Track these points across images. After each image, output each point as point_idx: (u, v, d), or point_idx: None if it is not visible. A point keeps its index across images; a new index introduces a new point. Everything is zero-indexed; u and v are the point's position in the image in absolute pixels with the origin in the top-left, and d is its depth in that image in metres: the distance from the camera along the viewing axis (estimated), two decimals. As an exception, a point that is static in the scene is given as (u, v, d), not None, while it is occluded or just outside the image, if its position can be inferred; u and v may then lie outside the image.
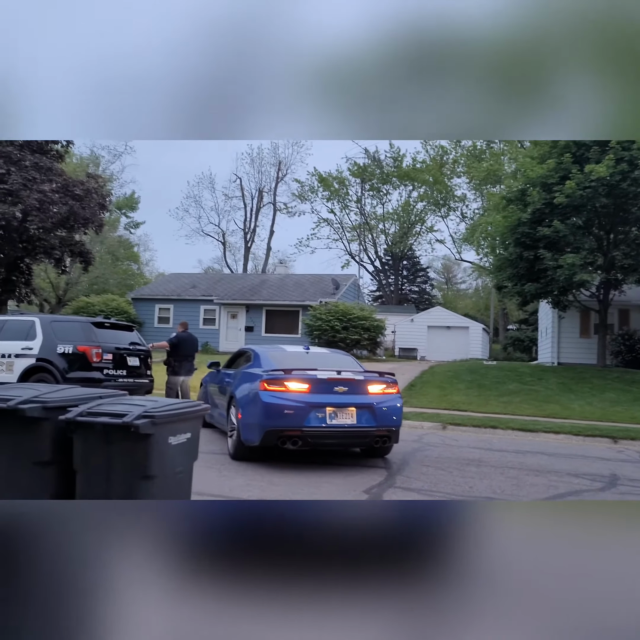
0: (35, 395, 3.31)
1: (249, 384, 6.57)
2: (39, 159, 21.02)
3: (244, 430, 6.39)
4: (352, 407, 6.22)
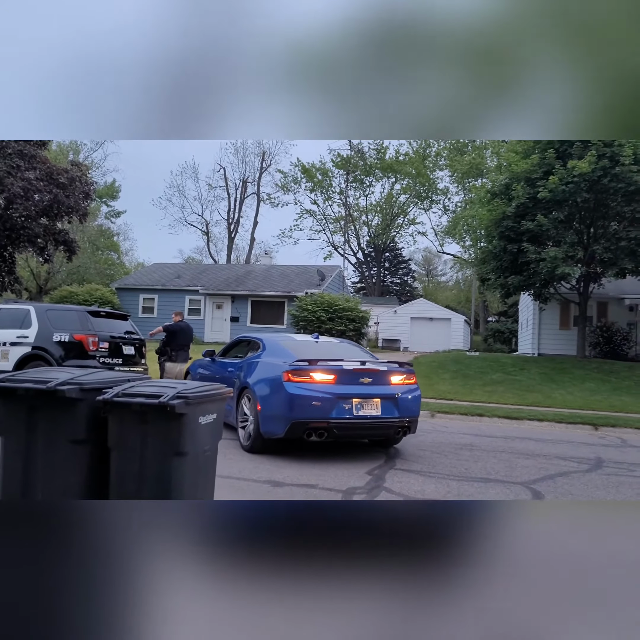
0: (71, 377, 3.47)
1: (269, 374, 6.43)
2: (23, 146, 20.76)
3: (265, 422, 6.27)
4: (377, 398, 6.19)
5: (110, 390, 3.40)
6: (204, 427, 3.53)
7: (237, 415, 6.98)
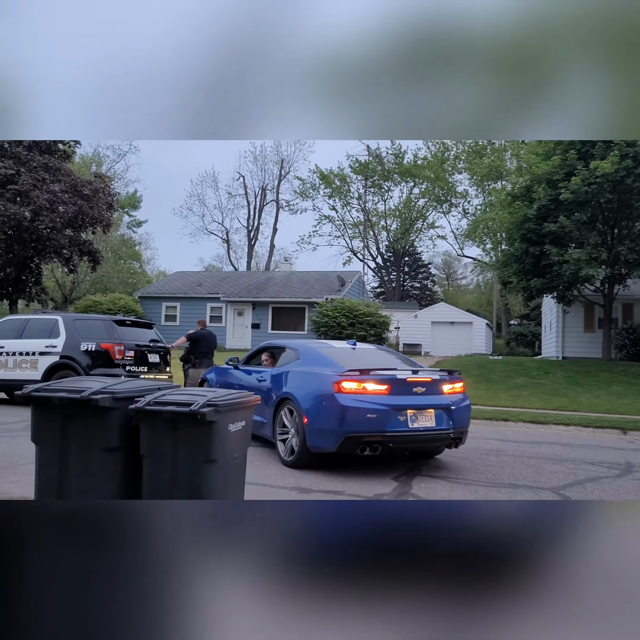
0: (104, 386, 3.55)
1: (316, 384, 6.03)
2: (48, 159, 21.24)
3: (313, 436, 5.87)
4: (431, 409, 5.88)
5: (142, 399, 3.47)
6: (233, 435, 3.58)
7: (274, 427, 6.53)
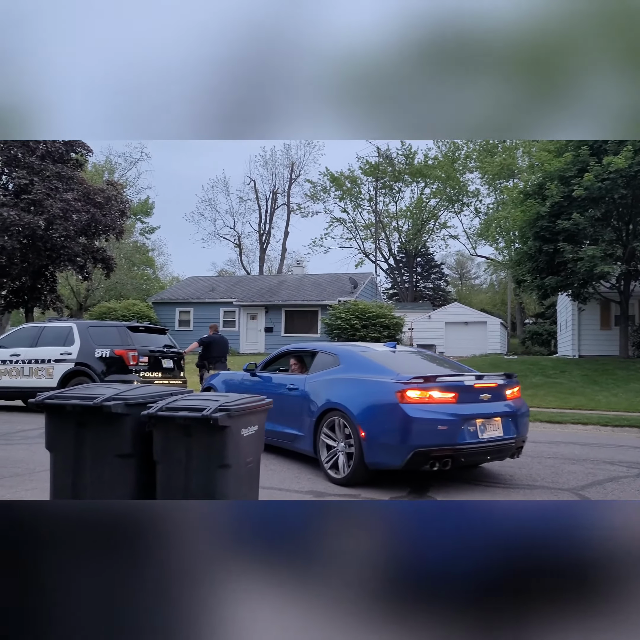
0: (116, 393, 3.56)
1: (374, 394, 5.42)
2: (61, 168, 21.46)
3: (372, 452, 5.27)
4: (498, 417, 5.46)
5: (155, 405, 3.47)
6: (246, 439, 3.57)
7: (315, 442, 5.88)
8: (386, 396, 5.26)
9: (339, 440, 5.63)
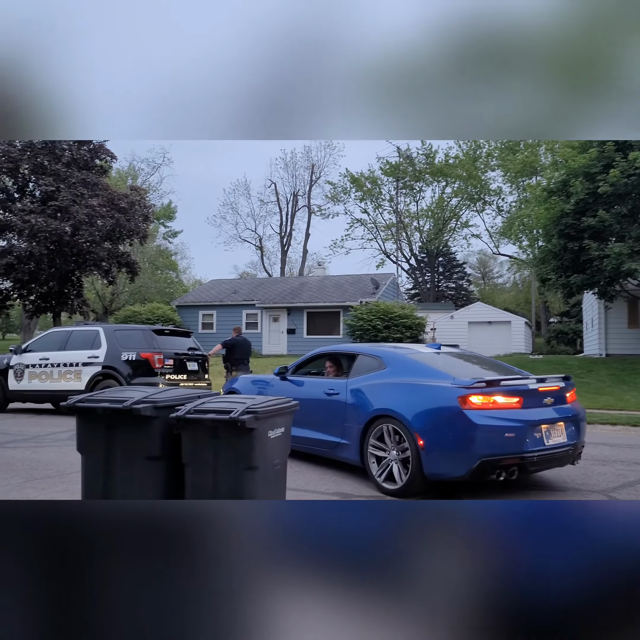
0: (145, 396, 3.62)
1: (433, 399, 5.12)
2: (86, 175, 21.87)
3: (432, 461, 4.95)
4: (561, 422, 5.21)
5: (183, 407, 3.52)
6: (273, 441, 3.60)
7: (362, 450, 5.54)
8: (447, 402, 4.95)
9: (389, 449, 5.27)
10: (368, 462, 5.48)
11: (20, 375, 10.80)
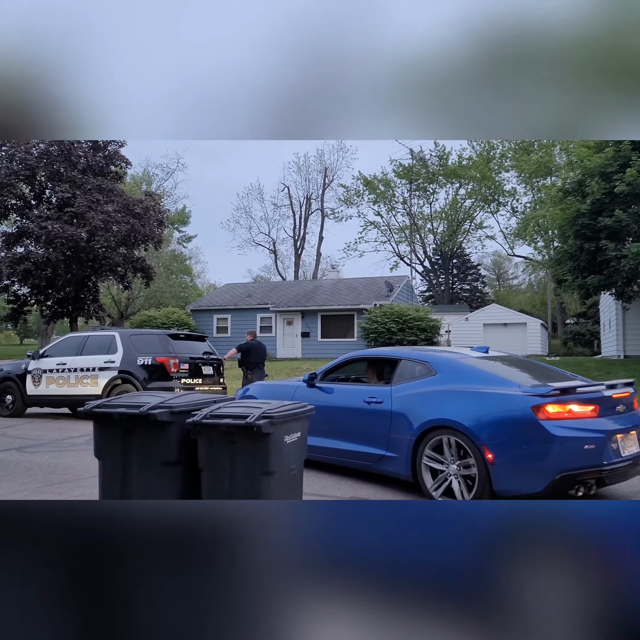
0: (161, 401, 3.63)
1: (502, 408, 4.72)
2: (101, 181, 22.11)
3: (503, 477, 4.56)
4: (634, 431, 4.86)
5: (199, 413, 3.52)
6: (289, 446, 3.58)
7: (415, 463, 5.08)
8: (520, 412, 4.56)
9: (448, 463, 4.84)
10: (422, 474, 5.02)
11: (38, 380, 10.92)
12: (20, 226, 22.62)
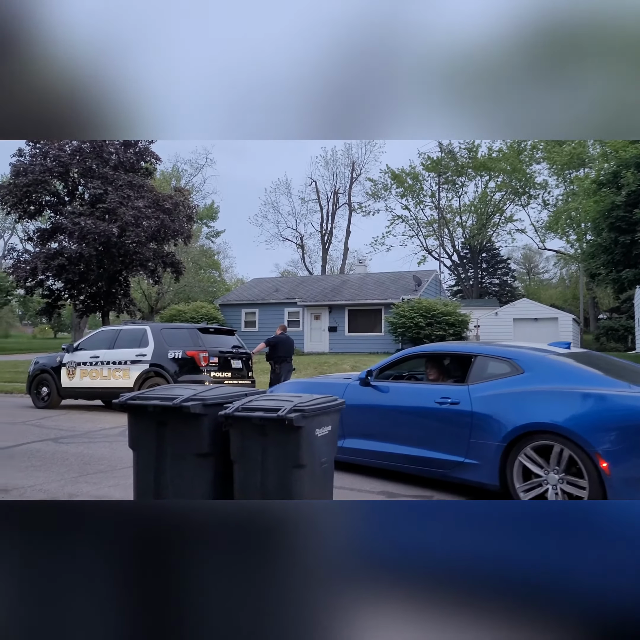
0: (194, 393, 3.68)
1: (616, 412, 4.23)
2: (132, 177, 22.43)
3: (621, 490, 4.14)
4: None
5: (231, 405, 3.55)
6: (320, 439, 3.60)
7: (505, 473, 4.57)
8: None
9: (549, 470, 4.34)
10: (514, 477, 4.52)
11: (72, 373, 11.18)
12: (54, 222, 23.13)
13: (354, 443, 5.62)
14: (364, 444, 5.57)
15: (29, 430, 8.59)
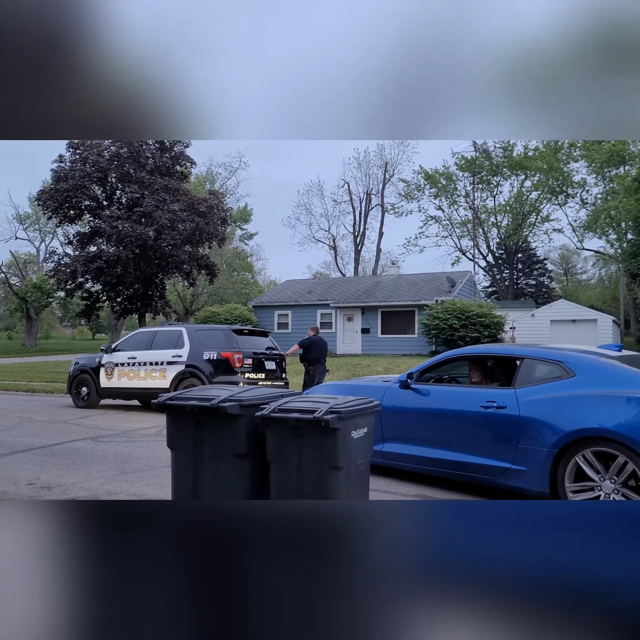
0: (231, 394, 3.71)
1: None
2: (168, 181, 22.83)
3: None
4: None
5: (267, 406, 3.58)
6: (356, 441, 3.59)
7: (557, 480, 4.39)
8: None
9: (605, 478, 4.14)
10: (566, 476, 4.33)
11: (111, 373, 11.43)
12: (93, 226, 23.72)
13: (394, 447, 5.50)
14: (404, 448, 5.45)
15: (69, 429, 8.82)
